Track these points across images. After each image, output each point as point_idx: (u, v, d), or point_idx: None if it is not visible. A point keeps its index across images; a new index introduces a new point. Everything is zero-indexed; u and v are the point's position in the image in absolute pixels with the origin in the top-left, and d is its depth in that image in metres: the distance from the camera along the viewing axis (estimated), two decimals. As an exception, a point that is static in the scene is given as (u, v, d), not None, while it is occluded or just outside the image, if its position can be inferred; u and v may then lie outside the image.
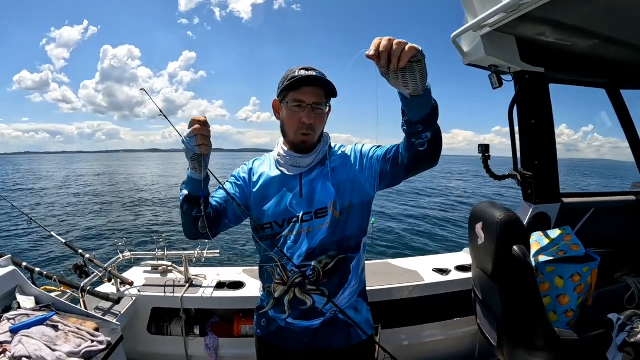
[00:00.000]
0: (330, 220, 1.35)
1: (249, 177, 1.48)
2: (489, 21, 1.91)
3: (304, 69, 1.32)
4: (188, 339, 2.39)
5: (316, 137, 1.40)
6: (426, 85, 1.05)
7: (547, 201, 2.46)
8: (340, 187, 1.38)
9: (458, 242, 9.67)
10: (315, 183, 1.39)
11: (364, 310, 1.48)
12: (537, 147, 2.41)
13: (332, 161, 1.43)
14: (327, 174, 1.40)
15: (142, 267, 2.65)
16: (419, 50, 0.96)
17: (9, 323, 1.63)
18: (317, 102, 1.33)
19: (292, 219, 1.36)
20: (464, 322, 2.53)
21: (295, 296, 1.37)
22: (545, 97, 2.39)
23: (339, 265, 1.36)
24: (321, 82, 1.31)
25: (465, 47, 2.25)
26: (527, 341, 1.81)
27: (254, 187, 1.45)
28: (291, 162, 1.42)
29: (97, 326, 1.74)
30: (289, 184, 1.41)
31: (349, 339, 1.41)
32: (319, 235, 1.34)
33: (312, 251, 1.34)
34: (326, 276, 1.35)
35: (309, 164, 1.41)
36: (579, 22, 1.92)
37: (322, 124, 1.40)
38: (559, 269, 1.90)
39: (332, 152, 1.47)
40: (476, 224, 1.99)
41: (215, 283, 2.47)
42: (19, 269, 1.97)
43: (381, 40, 0.95)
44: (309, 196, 1.37)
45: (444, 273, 2.56)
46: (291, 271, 1.36)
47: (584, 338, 1.78)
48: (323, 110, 1.36)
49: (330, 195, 1.36)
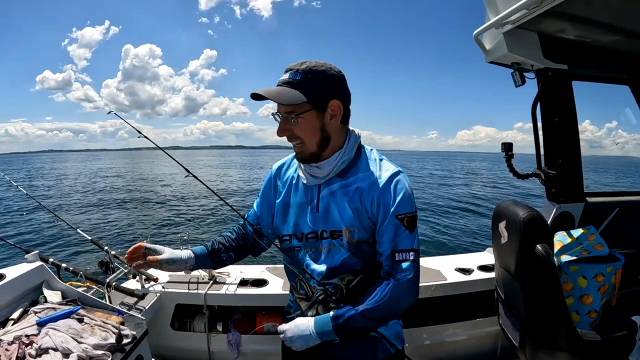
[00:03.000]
0: (347, 245, 1.24)
1: (273, 185, 1.43)
2: (511, 18, 1.89)
3: (285, 71, 1.20)
4: (211, 335, 2.42)
5: (311, 145, 1.22)
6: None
7: (571, 200, 2.42)
8: (359, 213, 1.22)
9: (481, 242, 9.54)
10: (333, 199, 1.26)
11: (394, 323, 1.36)
12: (560, 146, 2.37)
13: (361, 179, 1.24)
14: (349, 192, 1.24)
15: None
16: None
17: (36, 316, 1.67)
18: (288, 111, 1.18)
19: (309, 234, 1.29)
20: (486, 322, 2.52)
21: (318, 313, 1.31)
22: (569, 94, 2.35)
23: (363, 282, 1.26)
24: (275, 94, 1.15)
25: (488, 45, 2.23)
26: (550, 342, 1.79)
27: (279, 196, 1.39)
28: (308, 170, 1.30)
29: (123, 320, 1.77)
30: (308, 194, 1.31)
31: (376, 354, 1.32)
32: (340, 255, 1.25)
33: (334, 270, 1.26)
34: (350, 293, 1.26)
35: (325, 175, 1.26)
36: (602, 17, 1.89)
37: (307, 130, 1.20)
38: (582, 268, 1.87)
39: (363, 164, 1.28)
40: (499, 222, 1.97)
41: (239, 280, 2.49)
42: (46, 265, 2.02)
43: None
44: (325, 213, 1.26)
45: (467, 273, 2.54)
46: (314, 287, 1.31)
47: (606, 339, 1.75)
48: (302, 117, 1.18)
49: (346, 219, 1.23)
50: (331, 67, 1.19)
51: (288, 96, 1.14)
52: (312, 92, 1.15)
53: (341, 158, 1.26)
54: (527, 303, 1.82)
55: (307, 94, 1.15)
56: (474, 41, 2.21)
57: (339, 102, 1.20)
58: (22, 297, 1.85)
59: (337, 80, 1.20)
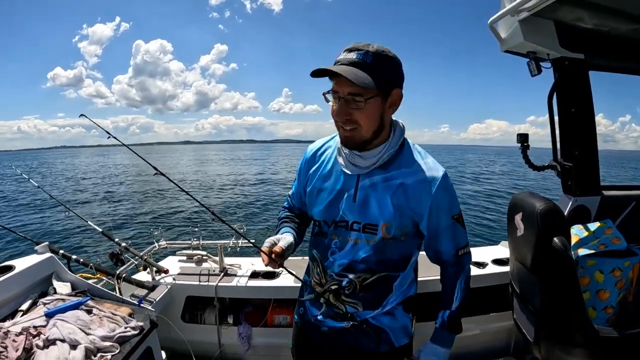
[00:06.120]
0: (378, 240, 1.22)
1: (306, 169, 1.40)
2: (526, 5, 1.86)
3: (348, 50, 1.10)
4: (221, 327, 2.42)
5: (367, 133, 1.16)
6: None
7: (587, 193, 2.38)
8: (402, 211, 1.20)
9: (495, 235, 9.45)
10: (373, 191, 1.22)
11: (402, 317, 1.35)
12: (577, 137, 2.33)
13: (404, 174, 1.21)
14: (391, 186, 1.21)
15: (178, 256, 2.70)
16: None
17: (44, 307, 1.67)
18: (354, 93, 1.09)
19: (340, 222, 1.27)
20: (499, 317, 2.48)
21: (329, 301, 1.32)
22: (586, 84, 2.30)
23: (379, 282, 1.27)
24: (352, 73, 1.06)
25: (503, 33, 2.19)
26: (566, 337, 1.75)
27: (312, 179, 1.36)
28: (350, 159, 1.25)
29: (132, 312, 1.77)
30: (346, 182, 1.27)
31: (379, 344, 1.33)
32: (364, 251, 1.24)
33: (354, 264, 1.26)
34: (363, 290, 1.27)
35: (368, 166, 1.22)
36: (620, 5, 1.84)
37: (368, 117, 1.13)
38: (599, 262, 1.84)
39: (406, 158, 1.24)
40: (515, 214, 1.93)
41: (250, 272, 2.48)
42: (56, 256, 2.02)
43: None
44: (362, 204, 1.23)
45: (481, 266, 2.51)
46: (330, 276, 1.31)
47: (623, 335, 1.71)
48: (368, 102, 1.11)
49: (385, 214, 1.20)
50: (392, 52, 1.13)
51: (364, 78, 1.06)
52: (382, 77, 1.09)
53: (387, 150, 1.22)
54: (543, 297, 1.78)
55: (377, 79, 1.08)
56: (485, 33, 2.18)
57: (400, 91, 1.17)
58: (31, 289, 1.85)
59: (401, 68, 1.16)
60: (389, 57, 1.11)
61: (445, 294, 1.37)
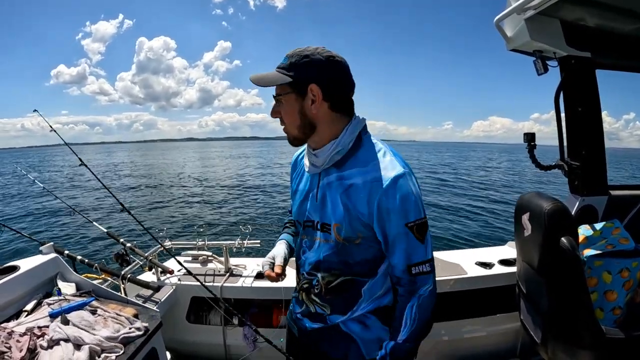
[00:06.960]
0: (334, 241, 1.19)
1: (292, 173, 1.45)
2: (532, 3, 1.86)
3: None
4: (226, 328, 2.42)
5: (292, 130, 1.19)
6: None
7: (595, 193, 2.36)
8: (350, 211, 1.15)
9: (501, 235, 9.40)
10: (329, 190, 1.20)
11: (378, 329, 1.25)
12: (584, 136, 2.31)
13: (357, 173, 1.16)
14: (343, 185, 1.17)
15: (183, 257, 2.69)
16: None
17: (49, 308, 1.67)
18: (275, 93, 1.17)
19: (307, 222, 1.28)
20: (506, 318, 2.46)
21: (303, 299, 1.35)
22: (592, 83, 2.29)
23: (344, 286, 1.23)
24: (257, 76, 1.16)
25: (509, 32, 2.18)
26: (573, 338, 1.74)
27: (293, 183, 1.41)
28: (310, 158, 1.25)
29: (137, 312, 1.77)
30: (312, 182, 1.27)
31: (347, 355, 1.26)
32: (324, 251, 1.23)
33: (319, 264, 1.25)
34: (329, 292, 1.25)
35: (321, 164, 1.20)
36: (626, 3, 1.84)
37: (286, 113, 1.17)
38: (607, 263, 1.83)
39: (362, 157, 1.18)
40: (522, 214, 1.91)
41: (255, 273, 2.48)
42: (61, 257, 2.03)
43: None
44: (321, 203, 1.22)
45: (487, 267, 2.49)
46: (302, 275, 1.34)
47: (631, 337, 1.69)
48: (284, 99, 1.16)
49: (337, 214, 1.17)
50: (321, 52, 1.12)
51: (267, 79, 1.14)
52: (296, 75, 1.11)
53: (335, 148, 1.17)
54: (550, 298, 1.76)
55: (289, 76, 1.12)
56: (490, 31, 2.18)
57: (317, 86, 1.12)
58: (36, 289, 1.85)
59: (321, 64, 1.11)
60: (303, 55, 1.12)
61: (393, 320, 1.19)
